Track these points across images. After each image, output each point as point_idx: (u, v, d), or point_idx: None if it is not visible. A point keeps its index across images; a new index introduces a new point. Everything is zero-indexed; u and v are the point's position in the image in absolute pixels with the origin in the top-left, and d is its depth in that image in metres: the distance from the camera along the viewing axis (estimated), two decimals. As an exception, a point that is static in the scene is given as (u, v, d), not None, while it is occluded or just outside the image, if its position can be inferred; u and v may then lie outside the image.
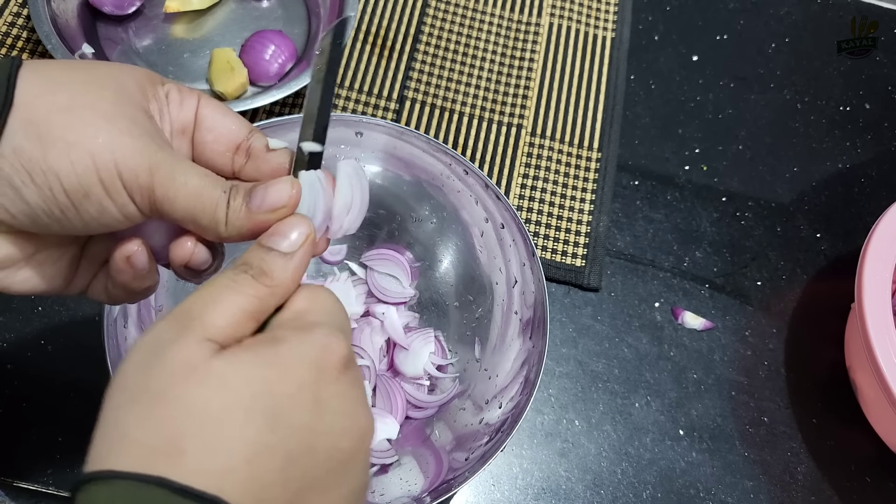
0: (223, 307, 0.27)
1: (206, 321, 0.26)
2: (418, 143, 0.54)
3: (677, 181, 0.68)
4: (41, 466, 0.51)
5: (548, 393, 0.58)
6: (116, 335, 0.46)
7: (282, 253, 0.29)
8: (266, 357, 0.26)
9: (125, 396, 0.25)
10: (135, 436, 0.24)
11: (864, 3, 0.80)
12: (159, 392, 0.24)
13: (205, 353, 0.25)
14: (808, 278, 0.65)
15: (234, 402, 0.24)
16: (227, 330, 0.26)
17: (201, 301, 0.27)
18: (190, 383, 0.24)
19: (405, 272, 0.57)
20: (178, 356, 0.25)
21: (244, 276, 0.28)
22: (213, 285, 0.28)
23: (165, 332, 0.26)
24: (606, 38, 0.73)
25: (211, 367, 0.25)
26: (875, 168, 0.71)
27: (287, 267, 0.29)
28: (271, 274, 0.28)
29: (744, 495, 0.56)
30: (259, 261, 0.29)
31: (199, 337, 0.26)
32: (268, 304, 0.28)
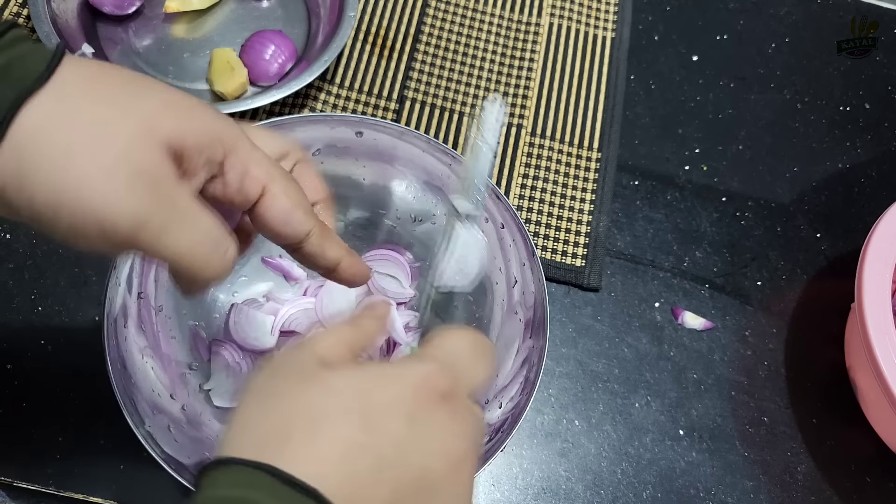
0: (331, 338, 0.32)
1: (317, 345, 0.31)
2: (418, 143, 0.54)
3: (677, 181, 0.68)
4: (41, 466, 0.51)
5: (548, 393, 0.58)
6: (116, 335, 0.46)
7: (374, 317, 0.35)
8: (371, 371, 0.30)
9: (251, 396, 0.30)
10: (251, 426, 0.28)
11: (864, 3, 0.80)
12: (277, 392, 0.29)
13: (317, 365, 0.30)
14: (808, 278, 0.65)
15: (334, 402, 0.28)
16: (332, 349, 0.31)
17: (313, 336, 0.32)
18: (301, 387, 0.29)
19: (405, 272, 0.57)
20: (294, 365, 0.30)
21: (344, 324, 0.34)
22: (321, 330, 0.33)
23: (285, 354, 0.31)
24: (606, 38, 0.73)
25: (321, 375, 0.29)
26: (875, 168, 0.71)
27: (373, 318, 0.35)
28: (361, 322, 0.34)
29: (744, 495, 0.56)
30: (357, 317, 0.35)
31: (311, 353, 0.30)
32: (362, 340, 0.33)
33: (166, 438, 0.44)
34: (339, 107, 0.66)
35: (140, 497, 0.51)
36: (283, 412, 0.28)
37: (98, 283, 0.57)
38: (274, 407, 0.28)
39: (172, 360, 0.50)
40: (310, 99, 0.66)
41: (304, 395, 0.28)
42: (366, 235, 0.58)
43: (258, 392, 0.30)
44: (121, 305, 0.47)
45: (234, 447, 0.27)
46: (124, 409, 0.43)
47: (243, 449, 0.27)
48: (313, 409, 0.28)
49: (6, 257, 0.57)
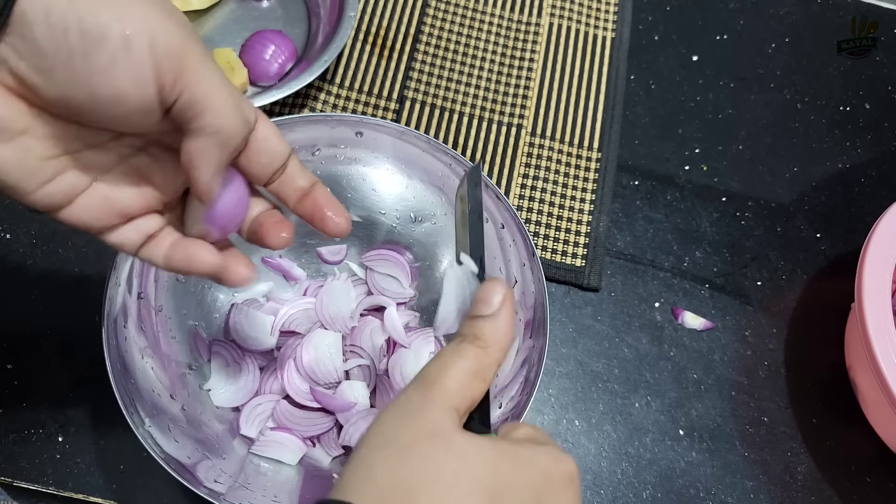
0: (453, 371, 0.31)
1: (444, 385, 0.30)
2: (418, 143, 0.54)
3: (677, 181, 0.68)
4: (41, 466, 0.51)
5: (548, 393, 0.58)
6: (116, 335, 0.46)
7: (487, 316, 0.33)
8: (504, 449, 0.29)
9: (380, 441, 0.29)
10: (377, 477, 0.28)
11: (864, 3, 0.80)
12: (406, 446, 0.28)
13: (450, 423, 0.29)
14: (808, 278, 0.65)
15: (466, 473, 0.28)
16: (461, 393, 0.30)
17: (436, 368, 0.31)
18: (433, 446, 0.28)
19: (405, 272, 0.57)
20: (427, 418, 0.29)
21: (463, 343, 0.32)
22: (443, 354, 0.32)
23: (414, 395, 0.30)
24: (606, 38, 0.73)
25: (454, 438, 0.29)
26: (875, 168, 0.71)
27: (495, 326, 0.33)
28: (483, 335, 0.32)
29: (744, 495, 0.56)
30: (470, 328, 0.33)
31: (443, 404, 0.30)
32: (487, 361, 0.32)
33: (166, 438, 0.44)
34: (339, 107, 0.66)
35: (140, 497, 0.51)
36: (411, 469, 0.28)
37: (98, 283, 0.57)
38: (403, 462, 0.28)
39: (172, 360, 0.50)
40: (310, 99, 0.66)
41: (435, 455, 0.28)
42: (366, 235, 0.58)
43: (386, 438, 0.29)
44: (121, 305, 0.47)
45: (356, 493, 0.27)
46: (124, 409, 0.43)
47: (365, 497, 0.27)
48: (443, 475, 0.28)
49: (6, 257, 0.57)
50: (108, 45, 0.29)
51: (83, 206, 0.34)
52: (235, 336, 0.54)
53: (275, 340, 0.54)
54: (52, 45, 0.28)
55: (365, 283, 0.58)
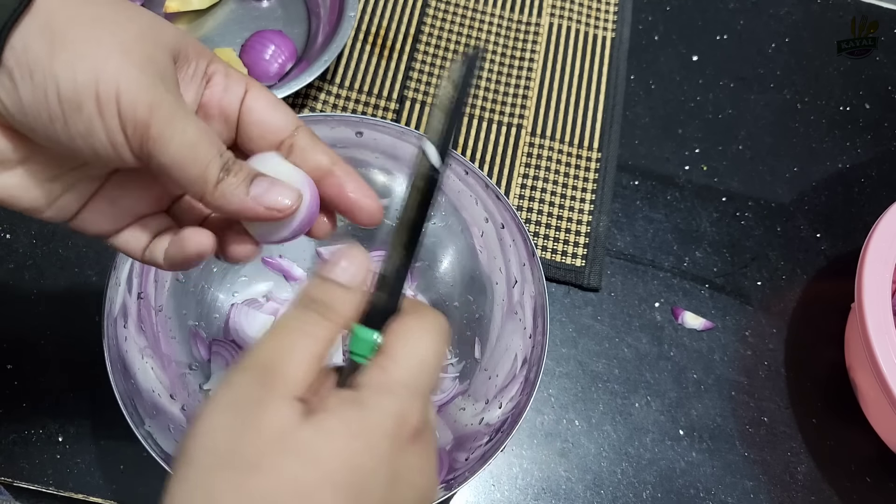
0: (299, 357, 0.27)
1: (287, 376, 0.26)
2: (419, 143, 0.54)
3: (677, 181, 0.68)
4: (41, 466, 0.51)
5: (548, 393, 0.58)
6: (116, 335, 0.46)
7: (344, 286, 0.28)
8: (352, 426, 0.26)
9: (216, 460, 0.25)
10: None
11: (864, 3, 0.80)
12: (252, 462, 0.24)
13: (294, 417, 0.25)
14: (808, 278, 0.65)
15: (323, 477, 0.25)
16: (306, 379, 0.26)
17: (276, 353, 0.27)
18: (283, 455, 0.25)
19: (405, 272, 0.57)
20: (268, 422, 0.25)
21: (311, 314, 0.27)
22: (284, 331, 0.27)
23: (249, 389, 0.26)
24: (606, 38, 0.73)
25: (301, 437, 0.25)
26: (875, 168, 0.71)
27: (351, 300, 0.28)
28: (336, 307, 0.28)
29: (744, 495, 0.56)
30: (323, 293, 0.28)
31: (285, 397, 0.26)
32: (334, 338, 0.28)
33: (166, 438, 0.44)
34: (339, 107, 0.66)
35: (140, 497, 0.51)
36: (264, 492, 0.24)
37: (98, 283, 0.57)
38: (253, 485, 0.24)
39: (172, 360, 0.50)
40: (310, 99, 0.66)
41: (286, 467, 0.24)
42: (366, 235, 0.58)
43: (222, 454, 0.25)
44: (121, 305, 0.47)
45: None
46: (124, 409, 0.43)
47: None
48: (300, 486, 0.24)
49: (6, 257, 0.57)
50: (84, 112, 0.29)
51: (92, 211, 0.34)
52: (235, 336, 0.54)
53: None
54: (35, 107, 0.29)
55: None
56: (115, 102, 0.29)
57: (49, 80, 0.28)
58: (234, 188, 0.31)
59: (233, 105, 0.33)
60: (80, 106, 0.29)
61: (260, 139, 0.33)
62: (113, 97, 0.29)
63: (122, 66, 0.29)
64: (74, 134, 0.29)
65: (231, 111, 0.33)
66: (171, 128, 0.29)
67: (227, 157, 0.31)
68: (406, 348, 0.28)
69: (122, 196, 0.34)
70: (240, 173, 0.31)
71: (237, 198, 0.31)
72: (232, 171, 0.31)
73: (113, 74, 0.28)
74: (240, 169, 0.31)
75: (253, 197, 0.31)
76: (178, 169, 0.30)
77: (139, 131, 0.29)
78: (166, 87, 0.30)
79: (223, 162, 0.31)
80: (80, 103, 0.29)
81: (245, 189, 0.31)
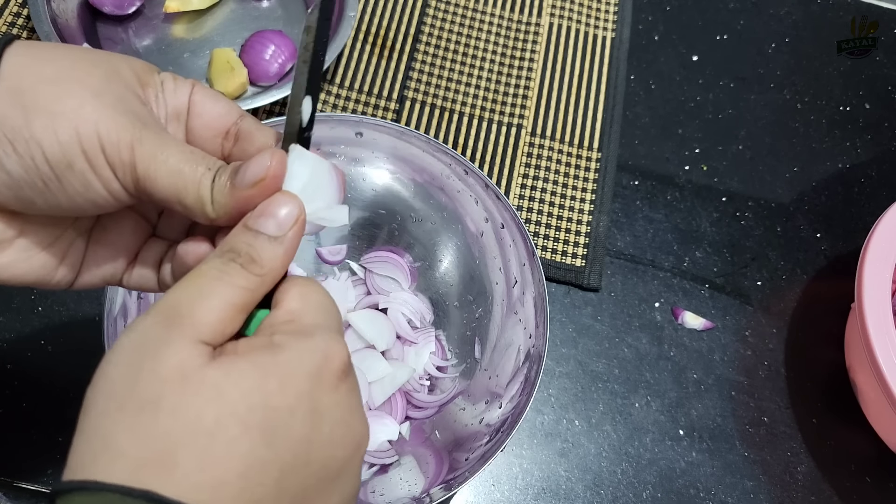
0: (212, 303, 0.25)
1: (196, 319, 0.25)
2: (418, 143, 0.54)
3: (677, 181, 0.68)
4: (41, 466, 0.51)
5: (548, 393, 0.58)
6: (116, 335, 0.46)
7: (270, 237, 0.27)
8: (264, 366, 0.25)
9: (112, 403, 0.24)
10: (123, 446, 0.23)
11: (864, 3, 0.80)
12: (150, 401, 0.23)
13: (198, 358, 0.24)
14: (808, 278, 0.65)
15: (229, 414, 0.23)
16: (218, 327, 0.25)
17: (188, 296, 0.25)
18: (184, 393, 0.23)
19: (404, 274, 0.57)
20: (169, 361, 0.24)
21: (232, 265, 0.26)
22: (201, 276, 0.26)
23: (153, 331, 0.25)
24: (606, 38, 0.73)
25: (206, 376, 0.24)
26: (875, 168, 0.71)
27: (277, 252, 0.27)
28: (261, 261, 0.27)
29: (744, 495, 0.56)
30: (247, 246, 0.27)
31: (191, 339, 0.24)
32: (258, 293, 0.27)
33: (166, 438, 0.44)
34: (339, 107, 0.66)
35: (140, 497, 0.51)
36: (164, 428, 0.23)
37: (98, 283, 0.57)
38: (150, 421, 0.23)
39: (172, 360, 0.50)
40: (310, 99, 0.66)
41: (187, 404, 0.23)
42: (366, 235, 0.58)
43: (119, 395, 0.24)
44: (121, 305, 0.47)
45: (99, 469, 0.23)
46: (124, 409, 0.43)
47: (110, 472, 0.22)
48: (203, 424, 0.23)
49: (6, 257, 0.57)
50: (76, 169, 0.28)
51: (93, 261, 0.34)
52: (235, 336, 0.53)
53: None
54: (27, 177, 0.28)
55: (364, 284, 0.58)
56: (101, 151, 0.28)
57: (33, 146, 0.28)
58: (221, 191, 0.29)
59: (182, 104, 0.32)
60: (70, 164, 0.28)
61: (204, 129, 0.32)
62: (97, 147, 0.28)
63: (97, 114, 0.28)
64: (73, 193, 0.29)
65: (181, 110, 0.32)
66: (154, 161, 0.28)
67: (216, 166, 0.30)
68: (305, 297, 0.27)
69: (112, 234, 0.34)
70: (223, 174, 0.29)
71: (226, 198, 0.29)
72: (218, 174, 0.29)
73: (91, 124, 0.28)
74: (224, 170, 0.29)
75: (238, 186, 0.29)
76: (175, 199, 0.29)
77: (129, 173, 0.29)
78: (142, 122, 0.29)
79: (213, 175, 0.29)
80: (69, 162, 0.28)
81: (231, 186, 0.29)
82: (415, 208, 0.57)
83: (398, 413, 0.53)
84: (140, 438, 0.23)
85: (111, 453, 0.23)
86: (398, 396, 0.53)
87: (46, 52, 0.30)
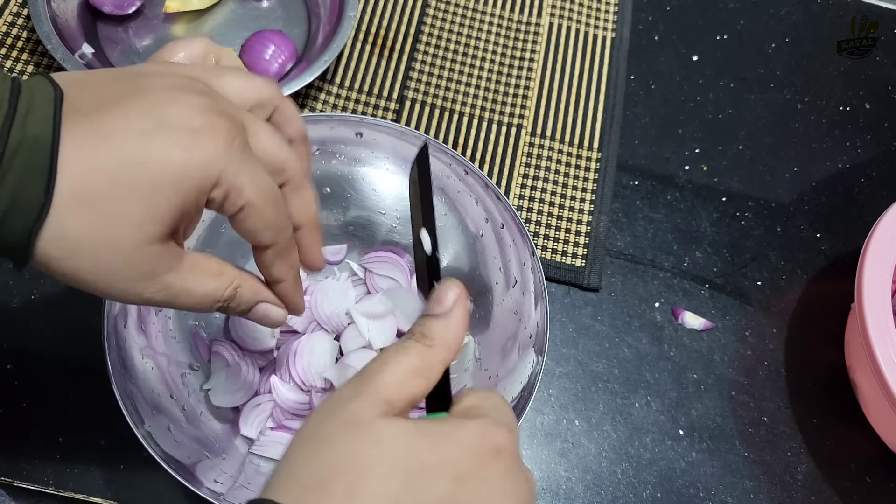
0: (393, 366, 0.30)
1: (379, 380, 0.29)
2: (418, 143, 0.54)
3: (677, 181, 0.68)
4: (41, 466, 0.51)
5: (548, 393, 0.58)
6: (116, 335, 0.46)
7: (437, 315, 0.32)
8: (424, 429, 0.28)
9: (303, 437, 0.29)
10: (298, 472, 0.27)
11: (864, 3, 0.80)
12: (326, 437, 0.28)
13: (374, 410, 0.28)
14: (808, 278, 0.65)
15: (381, 458, 0.27)
16: (398, 389, 0.29)
17: (375, 365, 0.30)
18: (352, 434, 0.27)
19: (404, 274, 0.57)
20: (350, 409, 0.28)
21: (409, 340, 0.31)
22: (386, 351, 0.30)
23: (347, 390, 0.29)
24: (606, 38, 0.73)
25: (373, 425, 0.28)
26: (875, 168, 0.71)
27: (445, 325, 0.31)
28: (431, 334, 0.31)
29: (744, 495, 0.56)
30: (420, 326, 0.31)
31: (373, 395, 0.29)
32: (432, 360, 0.31)
33: (166, 438, 0.44)
34: (339, 107, 0.66)
35: (140, 497, 0.51)
36: (327, 460, 0.27)
37: (98, 283, 0.57)
38: (320, 453, 0.27)
39: (172, 360, 0.50)
40: (310, 99, 0.66)
41: (351, 443, 0.27)
42: (366, 235, 0.58)
43: (309, 433, 0.29)
44: (121, 305, 0.47)
45: (278, 490, 0.27)
46: (124, 409, 0.43)
47: (287, 494, 0.27)
48: (357, 460, 0.27)
49: (6, 257, 0.57)
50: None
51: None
52: (235, 336, 0.54)
53: (275, 342, 0.54)
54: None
55: (364, 284, 0.58)
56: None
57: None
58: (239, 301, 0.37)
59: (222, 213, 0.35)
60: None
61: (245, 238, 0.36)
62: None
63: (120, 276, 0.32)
64: None
65: None
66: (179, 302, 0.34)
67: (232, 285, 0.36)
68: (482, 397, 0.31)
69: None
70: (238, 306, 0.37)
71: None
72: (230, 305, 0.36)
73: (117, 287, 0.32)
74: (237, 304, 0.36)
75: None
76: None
77: None
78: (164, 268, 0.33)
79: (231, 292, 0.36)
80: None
81: None
82: (415, 208, 0.56)
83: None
84: (311, 466, 0.27)
85: (290, 477, 0.28)
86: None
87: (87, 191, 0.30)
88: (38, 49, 0.64)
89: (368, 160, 0.55)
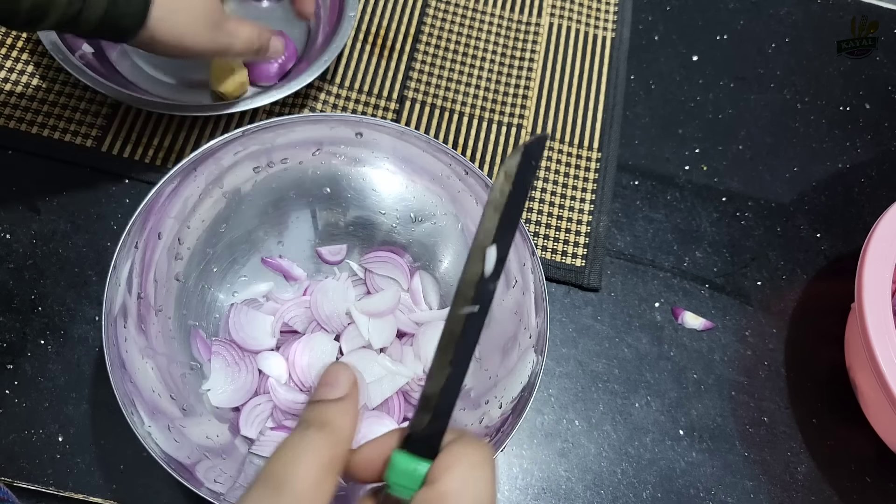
0: (304, 466, 0.27)
1: (296, 489, 0.27)
2: (418, 143, 0.54)
3: (677, 181, 0.68)
4: (41, 466, 0.51)
5: (548, 393, 0.58)
6: (116, 335, 0.46)
7: (334, 401, 0.30)
8: None
9: None
10: None
11: (864, 3, 0.80)
12: None
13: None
14: (808, 278, 0.65)
15: None
16: (316, 490, 0.27)
17: (283, 465, 0.27)
18: None
19: (404, 274, 0.57)
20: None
21: (309, 431, 0.28)
22: (287, 444, 0.28)
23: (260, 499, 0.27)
24: (606, 38, 0.73)
25: None
26: (875, 168, 0.71)
27: (344, 411, 0.29)
28: (332, 422, 0.29)
29: (744, 495, 0.56)
30: (315, 413, 0.29)
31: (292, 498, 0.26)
32: (338, 450, 0.28)
33: (166, 438, 0.44)
34: (339, 107, 0.66)
35: (140, 497, 0.51)
36: None
37: (98, 283, 0.57)
38: None
39: (172, 360, 0.50)
40: (310, 99, 0.66)
41: None
42: (366, 235, 0.58)
43: None
44: (121, 305, 0.47)
45: None
46: (124, 409, 0.43)
47: None
48: None
49: (6, 257, 0.57)
50: None
51: None
52: (235, 336, 0.54)
53: (275, 342, 0.54)
54: None
55: (364, 284, 0.58)
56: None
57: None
58: None
59: None
60: None
61: None
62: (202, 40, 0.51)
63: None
64: None
65: None
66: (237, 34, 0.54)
67: None
68: (465, 482, 0.27)
69: None
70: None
71: None
72: None
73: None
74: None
75: None
76: None
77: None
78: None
79: None
80: None
81: None
82: (414, 208, 0.57)
83: (396, 413, 0.53)
84: None
85: None
86: (397, 396, 0.53)
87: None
88: (38, 49, 0.64)
89: (368, 160, 0.55)
